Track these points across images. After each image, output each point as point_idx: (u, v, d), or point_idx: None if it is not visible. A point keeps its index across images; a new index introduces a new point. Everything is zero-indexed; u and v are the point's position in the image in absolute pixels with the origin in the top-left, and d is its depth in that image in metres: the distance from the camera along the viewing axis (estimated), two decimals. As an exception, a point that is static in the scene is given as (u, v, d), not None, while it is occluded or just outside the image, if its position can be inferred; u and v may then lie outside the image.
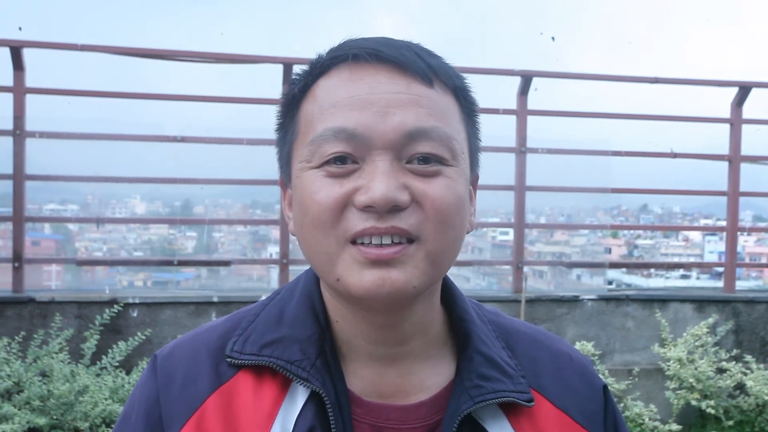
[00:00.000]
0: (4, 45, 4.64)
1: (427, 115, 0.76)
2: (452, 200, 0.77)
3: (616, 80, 6.10)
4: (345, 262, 0.75)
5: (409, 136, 0.75)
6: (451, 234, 0.77)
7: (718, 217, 9.57)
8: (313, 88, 0.80)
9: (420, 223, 0.75)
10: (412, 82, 0.77)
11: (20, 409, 3.60)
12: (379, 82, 0.76)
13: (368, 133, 0.74)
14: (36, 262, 5.06)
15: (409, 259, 0.75)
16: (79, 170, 5.26)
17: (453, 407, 0.80)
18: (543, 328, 0.96)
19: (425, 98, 0.77)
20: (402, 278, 0.75)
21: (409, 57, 0.77)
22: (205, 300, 4.63)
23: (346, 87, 0.77)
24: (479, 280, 8.20)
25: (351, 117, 0.75)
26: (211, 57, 5.13)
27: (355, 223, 0.74)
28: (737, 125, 5.66)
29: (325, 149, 0.75)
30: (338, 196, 0.75)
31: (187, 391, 0.81)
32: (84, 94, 4.99)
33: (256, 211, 8.67)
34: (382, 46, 0.78)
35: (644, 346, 5.12)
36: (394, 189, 0.73)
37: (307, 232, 0.78)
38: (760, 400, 4.52)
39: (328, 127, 0.75)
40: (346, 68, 0.78)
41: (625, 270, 13.88)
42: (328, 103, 0.77)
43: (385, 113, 0.75)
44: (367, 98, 0.75)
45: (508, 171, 5.35)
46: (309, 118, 0.78)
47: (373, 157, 0.75)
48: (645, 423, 4.34)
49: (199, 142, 5.03)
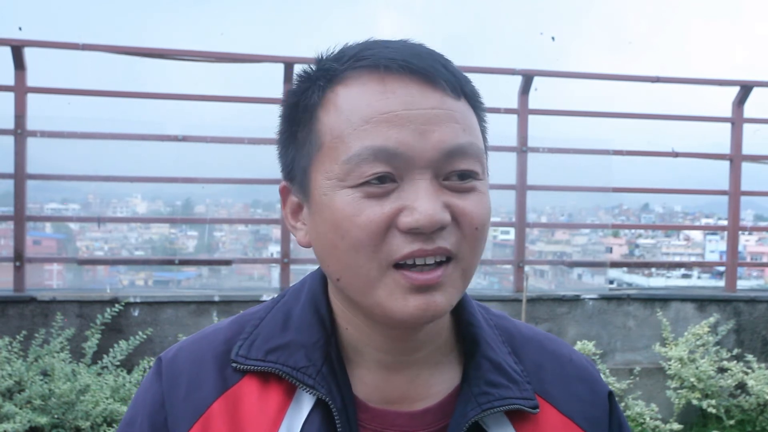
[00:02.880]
0: (6, 44, 4.64)
1: (462, 130, 0.75)
2: (486, 215, 0.77)
3: (617, 79, 6.10)
4: (387, 287, 0.73)
5: (449, 153, 0.73)
6: (481, 248, 0.78)
7: (719, 217, 9.57)
8: (331, 96, 0.75)
9: (458, 242, 0.74)
10: (444, 96, 0.74)
11: (21, 408, 3.61)
12: (412, 96, 0.73)
13: (410, 152, 0.72)
14: (37, 262, 5.06)
15: (449, 279, 0.74)
16: (81, 169, 5.26)
17: (460, 414, 0.80)
18: (548, 333, 0.95)
19: (458, 113, 0.75)
20: (444, 301, 0.74)
21: (439, 69, 0.75)
22: (207, 299, 4.63)
23: (377, 101, 0.73)
24: (480, 279, 8.20)
25: (390, 135, 0.72)
26: (212, 56, 5.13)
27: (400, 246, 0.72)
28: (738, 124, 5.66)
29: (365, 170, 0.72)
30: (381, 219, 0.72)
31: (193, 396, 0.81)
32: (85, 93, 5.00)
33: (257, 210, 8.68)
34: (411, 57, 0.74)
35: (645, 345, 5.12)
36: (440, 210, 0.72)
37: (344, 255, 0.74)
38: (761, 399, 4.52)
39: (366, 146, 0.72)
40: (372, 79, 0.74)
41: (626, 269, 13.88)
42: (360, 118, 0.73)
43: (424, 131, 0.72)
44: (405, 115, 0.72)
45: (509, 170, 5.36)
46: (336, 133, 0.74)
47: (413, 176, 0.73)
48: (646, 422, 4.34)
49: (200, 142, 5.03)
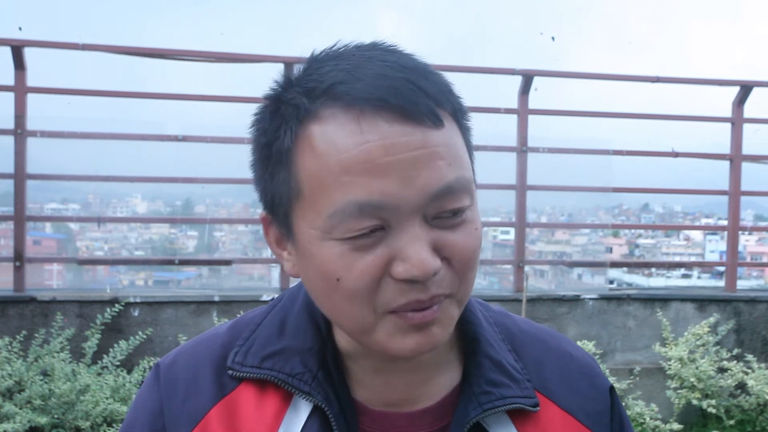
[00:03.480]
0: (6, 44, 4.64)
1: (447, 166, 0.71)
2: (477, 244, 0.75)
3: (617, 79, 6.10)
4: (385, 330, 0.73)
5: (436, 196, 0.70)
6: (473, 276, 0.76)
7: (719, 217, 9.57)
8: (305, 136, 0.71)
9: (452, 281, 0.73)
10: (426, 131, 0.70)
11: (21, 408, 3.61)
12: (392, 138, 0.69)
13: (395, 202, 0.69)
14: (37, 262, 5.06)
15: (445, 313, 0.74)
16: (81, 169, 5.26)
17: (461, 414, 0.79)
18: (548, 328, 0.95)
19: (441, 146, 0.71)
20: (441, 333, 0.74)
21: (418, 101, 0.70)
22: (207, 299, 4.63)
23: (355, 147, 0.69)
24: (480, 279, 8.20)
25: (373, 188, 0.68)
26: (212, 56, 5.13)
27: (395, 296, 0.71)
28: (738, 124, 5.66)
29: (352, 225, 0.69)
30: (374, 270, 0.70)
31: (190, 402, 0.81)
32: (85, 93, 5.00)
33: (257, 210, 8.66)
34: (388, 92, 0.69)
35: (645, 345, 5.12)
36: (432, 258, 0.70)
37: (337, 302, 0.73)
38: (761, 399, 4.52)
39: (349, 200, 0.69)
40: (348, 119, 0.69)
41: (626, 269, 13.88)
42: (339, 167, 0.69)
43: (409, 178, 0.69)
44: (386, 162, 0.68)
45: (509, 170, 5.36)
46: (315, 182, 0.70)
47: (401, 223, 0.70)
48: (646, 422, 4.34)
49: (200, 142, 5.03)
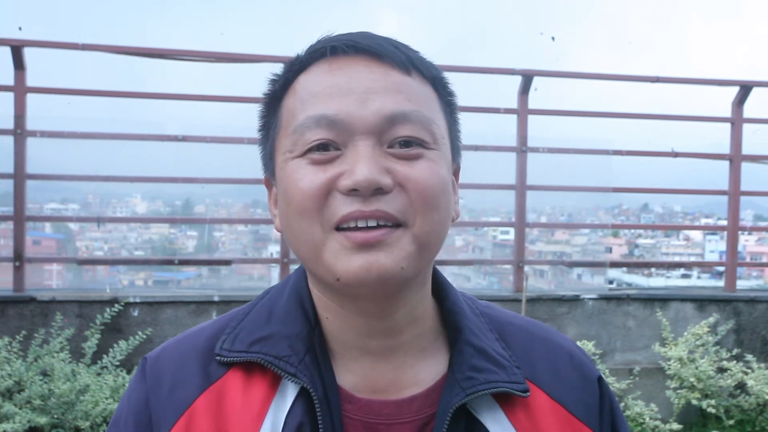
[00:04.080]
0: (5, 44, 4.64)
1: (405, 100, 0.77)
2: (435, 182, 0.77)
3: (616, 79, 6.10)
4: (332, 249, 0.75)
5: (390, 120, 0.76)
6: (436, 217, 0.78)
7: (718, 217, 9.57)
8: (294, 84, 0.81)
9: (405, 208, 0.76)
10: (390, 70, 0.78)
11: (21, 408, 3.61)
12: (357, 71, 0.78)
13: (349, 119, 0.75)
14: (37, 262, 5.06)
15: (396, 242, 0.75)
16: (80, 169, 5.26)
17: (446, 400, 0.80)
18: (537, 320, 0.96)
19: (404, 85, 0.78)
20: (389, 261, 0.75)
21: (386, 47, 0.79)
22: (206, 299, 4.63)
23: (325, 78, 0.78)
24: (480, 279, 8.21)
25: (331, 105, 0.76)
26: (212, 56, 5.13)
27: (339, 208, 0.75)
28: (738, 124, 5.66)
29: (308, 137, 0.76)
30: (322, 182, 0.75)
31: (176, 393, 0.82)
32: (85, 93, 5.00)
33: (257, 210, 8.67)
34: (359, 38, 0.79)
35: (645, 345, 5.12)
36: (377, 172, 0.74)
37: (293, 222, 0.78)
38: (761, 399, 4.52)
39: (309, 115, 0.76)
40: (325, 62, 0.79)
41: (625, 269, 13.89)
42: (309, 94, 0.78)
43: (365, 99, 0.76)
44: (347, 86, 0.77)
45: (509, 170, 5.36)
46: (290, 111, 0.80)
47: (355, 143, 0.76)
48: (646, 422, 4.34)
49: (200, 142, 5.02)
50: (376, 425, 0.80)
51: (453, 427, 0.79)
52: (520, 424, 0.82)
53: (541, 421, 0.83)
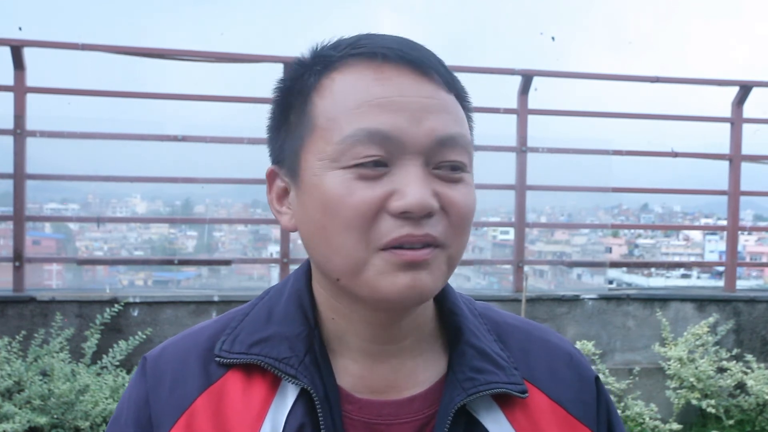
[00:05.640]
0: (5, 44, 4.64)
1: (453, 121, 0.77)
2: (472, 206, 0.78)
3: (616, 79, 6.10)
4: (376, 267, 0.74)
5: (440, 142, 0.75)
6: (466, 238, 0.80)
7: (718, 217, 9.57)
8: (327, 82, 0.77)
9: (445, 230, 0.76)
10: (437, 88, 0.77)
11: (21, 408, 3.61)
12: (408, 86, 0.75)
13: (402, 137, 0.73)
14: (37, 262, 5.06)
15: (435, 262, 0.76)
16: (80, 169, 5.26)
17: (447, 400, 0.80)
18: (535, 321, 0.96)
19: (450, 105, 0.77)
20: (429, 280, 0.75)
21: (434, 62, 0.78)
22: (206, 299, 4.63)
23: (373, 87, 0.75)
24: (480, 279, 8.20)
25: (385, 119, 0.73)
26: (212, 56, 5.13)
27: (389, 230, 0.73)
28: (738, 124, 5.66)
29: (359, 150, 0.73)
30: (373, 201, 0.73)
31: (176, 392, 0.82)
32: (84, 93, 5.00)
33: (257, 210, 8.67)
34: (406, 47, 0.77)
35: (645, 345, 5.12)
36: (429, 196, 0.73)
37: (332, 234, 0.75)
38: (761, 399, 4.52)
39: (361, 127, 0.73)
40: (368, 67, 0.76)
41: (625, 269, 13.90)
42: (355, 102, 0.74)
43: (420, 118, 0.74)
44: (400, 101, 0.74)
45: (508, 170, 5.36)
46: (331, 115, 0.75)
47: (404, 162, 0.74)
48: (645, 422, 4.34)
49: (200, 142, 5.02)
50: (376, 425, 0.81)
51: (453, 427, 0.80)
52: (519, 424, 0.82)
53: (540, 421, 0.83)
